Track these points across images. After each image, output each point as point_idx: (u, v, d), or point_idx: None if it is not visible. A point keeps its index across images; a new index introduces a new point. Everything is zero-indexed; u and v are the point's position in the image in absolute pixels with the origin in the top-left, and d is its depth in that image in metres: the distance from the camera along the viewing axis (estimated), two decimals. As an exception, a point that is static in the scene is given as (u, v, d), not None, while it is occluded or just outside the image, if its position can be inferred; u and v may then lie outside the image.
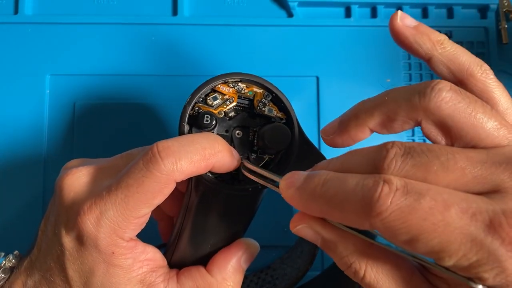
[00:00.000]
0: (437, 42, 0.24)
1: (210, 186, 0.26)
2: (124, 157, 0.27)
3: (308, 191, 0.21)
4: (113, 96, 0.40)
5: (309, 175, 0.21)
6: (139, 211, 0.24)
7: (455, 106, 0.20)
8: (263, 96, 0.27)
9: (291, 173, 0.22)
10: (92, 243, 0.24)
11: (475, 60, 0.24)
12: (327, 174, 0.20)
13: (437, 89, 0.20)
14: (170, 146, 0.24)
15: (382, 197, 0.18)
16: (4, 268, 0.28)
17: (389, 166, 0.19)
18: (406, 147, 0.20)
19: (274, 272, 0.36)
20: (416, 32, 0.24)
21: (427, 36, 0.24)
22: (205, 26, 0.41)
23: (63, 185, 0.26)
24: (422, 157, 0.19)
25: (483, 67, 0.24)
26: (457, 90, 0.20)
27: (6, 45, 0.40)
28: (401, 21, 0.25)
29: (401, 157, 0.19)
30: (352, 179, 0.19)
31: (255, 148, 0.27)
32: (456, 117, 0.20)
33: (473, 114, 0.20)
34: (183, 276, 0.27)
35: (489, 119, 0.20)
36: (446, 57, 0.24)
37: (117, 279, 0.25)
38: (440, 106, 0.20)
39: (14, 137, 0.39)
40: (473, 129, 0.20)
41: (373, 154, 0.20)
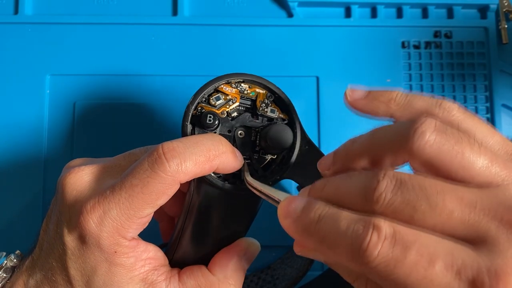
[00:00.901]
0: (389, 101, 0.25)
1: (212, 186, 0.26)
2: (126, 157, 0.27)
3: (303, 226, 0.21)
4: (113, 96, 0.40)
5: (306, 207, 0.21)
6: (142, 211, 0.24)
7: (439, 148, 0.19)
8: (266, 97, 0.27)
9: (289, 200, 0.22)
10: (95, 242, 0.24)
11: (431, 101, 0.24)
12: (322, 209, 0.20)
13: (420, 132, 0.19)
14: (175, 147, 0.24)
15: (370, 247, 0.18)
16: (5, 267, 0.28)
17: (378, 199, 0.19)
18: (397, 180, 0.19)
19: (274, 272, 0.36)
20: (367, 102, 0.25)
21: (377, 100, 0.25)
22: (205, 26, 0.41)
23: (65, 183, 0.26)
24: (411, 194, 0.19)
25: (441, 106, 0.24)
26: (441, 130, 0.20)
27: (6, 45, 0.40)
28: (350, 97, 0.25)
29: (391, 192, 0.19)
30: (344, 220, 0.19)
31: (257, 148, 0.27)
32: (442, 159, 0.19)
33: (460, 154, 0.19)
34: (184, 275, 0.27)
35: (478, 157, 0.19)
36: (404, 110, 0.24)
37: (119, 277, 0.25)
38: (424, 149, 0.19)
39: (14, 137, 0.39)
40: (462, 170, 0.19)
41: (364, 182, 0.20)
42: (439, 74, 0.42)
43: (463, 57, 0.42)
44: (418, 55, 0.42)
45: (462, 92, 0.42)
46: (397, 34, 0.42)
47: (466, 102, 0.42)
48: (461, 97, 0.42)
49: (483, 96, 0.42)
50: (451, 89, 0.42)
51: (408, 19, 0.42)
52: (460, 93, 0.42)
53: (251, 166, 0.27)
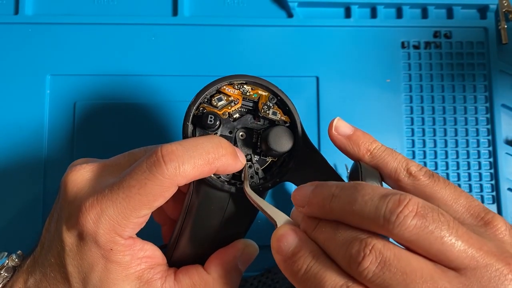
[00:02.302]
0: (367, 151, 0.26)
1: (211, 187, 0.26)
2: (127, 156, 0.28)
3: (291, 271, 0.23)
4: (113, 96, 0.40)
5: (295, 251, 0.23)
6: (139, 211, 0.24)
7: (418, 234, 0.20)
8: (268, 99, 0.27)
9: (282, 233, 0.24)
10: (92, 239, 0.24)
11: (401, 164, 0.25)
12: (309, 261, 0.22)
13: (402, 217, 0.20)
14: (174, 150, 0.24)
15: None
16: (7, 267, 0.28)
17: (361, 274, 0.20)
18: (382, 259, 0.20)
19: (275, 275, 0.36)
20: (347, 142, 0.26)
21: (357, 146, 0.26)
22: (205, 26, 0.41)
23: (67, 181, 0.27)
24: (392, 279, 0.20)
25: (409, 170, 0.25)
26: (423, 214, 0.20)
27: (6, 45, 0.40)
28: (335, 130, 0.27)
29: (373, 271, 0.20)
30: (328, 284, 0.21)
31: (258, 150, 0.27)
32: (421, 243, 0.20)
33: (439, 240, 0.20)
34: (180, 274, 0.27)
35: (456, 241, 0.20)
36: (375, 165, 0.26)
37: (114, 275, 0.25)
38: (404, 233, 0.20)
39: (15, 137, 0.39)
40: (440, 254, 0.20)
41: (351, 250, 0.21)
42: (438, 74, 0.42)
43: (463, 57, 0.42)
44: (418, 55, 0.42)
45: (462, 92, 0.42)
46: (397, 34, 0.42)
47: (465, 102, 0.42)
48: (461, 97, 0.42)
49: (482, 96, 0.42)
50: (451, 89, 0.42)
51: (408, 19, 0.42)
52: (460, 93, 0.42)
53: (252, 168, 0.27)
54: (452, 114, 0.41)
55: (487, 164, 0.41)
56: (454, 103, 0.42)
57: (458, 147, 0.41)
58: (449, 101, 0.42)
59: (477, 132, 0.41)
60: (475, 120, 0.41)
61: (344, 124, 0.27)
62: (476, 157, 0.41)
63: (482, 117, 0.41)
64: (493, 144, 0.41)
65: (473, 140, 0.41)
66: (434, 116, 0.41)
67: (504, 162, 0.41)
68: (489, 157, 0.41)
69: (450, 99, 0.42)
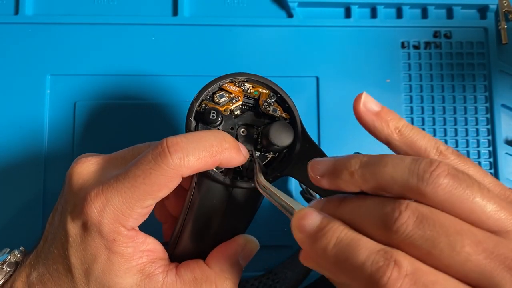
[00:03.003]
0: (395, 129, 0.25)
1: (213, 181, 0.26)
2: (131, 150, 0.28)
3: (319, 246, 0.21)
4: (113, 96, 0.40)
5: (321, 226, 0.21)
6: (143, 201, 0.25)
7: (451, 192, 0.20)
8: (268, 96, 0.28)
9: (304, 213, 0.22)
10: (96, 229, 0.25)
11: (431, 143, 0.24)
12: (339, 231, 0.21)
13: (435, 176, 0.20)
14: (179, 142, 0.24)
15: (390, 282, 0.18)
16: (9, 262, 0.28)
17: (399, 230, 0.19)
18: (419, 214, 0.19)
19: (276, 276, 0.36)
20: (376, 119, 0.25)
21: (386, 123, 0.25)
22: (205, 26, 0.41)
23: (73, 173, 0.27)
24: (432, 230, 0.19)
25: (439, 149, 0.24)
26: (455, 175, 0.20)
27: (6, 45, 0.40)
28: (363, 105, 0.25)
29: (412, 225, 0.19)
30: (364, 249, 0.19)
31: (259, 146, 0.28)
32: (454, 203, 0.20)
33: (471, 199, 0.20)
34: (182, 268, 0.27)
35: (488, 202, 0.20)
36: (404, 144, 0.25)
37: (116, 266, 0.25)
38: (437, 192, 0.20)
39: (15, 137, 0.39)
40: (473, 214, 0.20)
41: (385, 210, 0.20)
42: (438, 74, 0.42)
43: (463, 57, 0.42)
44: (418, 55, 0.42)
45: (462, 92, 0.42)
46: (397, 34, 0.42)
47: (465, 102, 0.42)
48: (461, 97, 0.42)
49: (482, 96, 0.42)
50: (451, 89, 0.42)
51: (408, 19, 0.43)
52: (460, 93, 0.42)
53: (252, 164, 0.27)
54: (452, 114, 0.41)
55: (487, 164, 0.41)
56: (454, 103, 0.42)
57: (458, 147, 0.41)
58: (449, 101, 0.42)
59: (477, 132, 0.41)
60: (475, 120, 0.41)
61: (372, 99, 0.26)
62: (476, 157, 0.41)
63: (482, 117, 0.41)
64: (493, 144, 0.41)
65: (473, 140, 0.41)
66: (434, 116, 0.41)
67: (504, 162, 0.41)
68: (489, 157, 0.41)
69: (450, 99, 0.42)
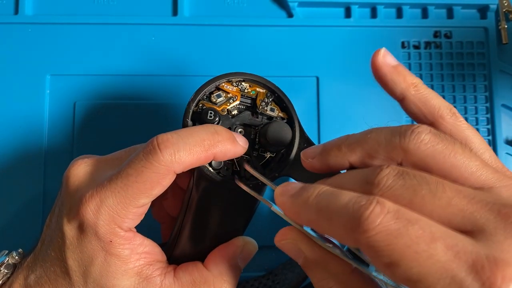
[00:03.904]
0: (412, 84, 0.26)
1: (211, 182, 0.26)
2: (127, 151, 0.28)
3: (301, 199, 0.21)
4: (113, 96, 0.40)
5: (305, 185, 0.22)
6: (138, 200, 0.25)
7: (433, 147, 0.20)
8: (266, 96, 0.28)
9: (288, 182, 0.23)
10: (92, 230, 0.25)
11: (445, 104, 0.25)
12: (322, 187, 0.21)
13: (416, 132, 0.21)
14: (169, 138, 0.24)
15: (372, 215, 0.18)
16: (7, 264, 0.28)
17: (380, 182, 0.20)
18: (400, 169, 0.20)
19: (276, 277, 0.36)
20: (394, 71, 0.26)
21: (404, 77, 0.26)
22: (205, 26, 0.41)
23: (69, 175, 0.27)
24: (413, 180, 0.19)
25: (452, 110, 0.25)
26: (436, 133, 0.21)
27: (6, 45, 0.40)
28: (383, 57, 0.26)
29: (393, 177, 0.20)
30: (346, 195, 0.20)
31: (257, 146, 0.28)
32: (436, 157, 0.20)
33: (453, 155, 0.20)
34: (180, 271, 0.27)
35: (469, 159, 0.20)
36: (419, 99, 0.25)
37: (114, 268, 0.25)
38: (419, 147, 0.20)
39: (14, 137, 0.39)
40: (455, 169, 0.20)
41: (367, 171, 0.21)
42: (439, 74, 0.42)
43: (463, 57, 0.42)
44: (418, 55, 0.42)
45: (462, 92, 0.42)
46: (397, 34, 0.42)
47: (466, 102, 0.42)
48: (461, 97, 0.42)
49: (483, 96, 0.42)
50: (451, 89, 0.42)
51: (408, 19, 0.43)
52: (460, 93, 0.42)
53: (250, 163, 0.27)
54: (452, 114, 0.41)
55: (488, 164, 0.41)
56: (454, 103, 0.42)
57: (458, 147, 0.41)
58: (449, 101, 0.41)
59: (477, 132, 0.41)
60: (475, 120, 0.41)
61: (390, 54, 0.26)
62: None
63: (482, 117, 0.41)
64: (493, 144, 0.41)
65: (473, 140, 0.41)
66: (434, 116, 0.41)
67: (504, 162, 0.40)
68: (490, 157, 0.41)
69: (450, 99, 0.42)
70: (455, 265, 0.17)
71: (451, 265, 0.17)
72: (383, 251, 0.18)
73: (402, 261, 0.17)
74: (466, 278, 0.17)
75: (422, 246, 0.17)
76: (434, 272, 0.17)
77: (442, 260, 0.17)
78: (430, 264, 0.17)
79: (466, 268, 0.17)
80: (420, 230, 0.18)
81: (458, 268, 0.17)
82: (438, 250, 0.17)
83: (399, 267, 0.17)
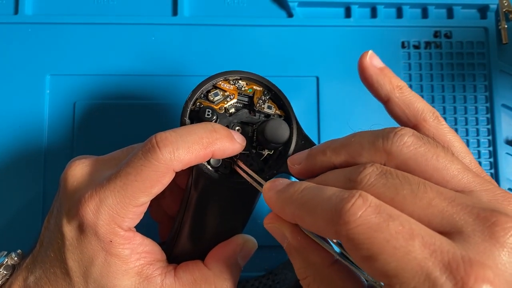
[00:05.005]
0: (397, 87, 0.26)
1: (209, 180, 0.26)
2: (125, 151, 0.28)
3: (286, 195, 0.22)
4: (113, 96, 0.40)
5: (292, 182, 0.22)
6: (137, 199, 0.25)
7: (416, 150, 0.21)
8: (263, 93, 0.28)
9: (277, 178, 0.23)
10: (92, 231, 0.25)
11: (429, 107, 0.26)
12: (307, 183, 0.22)
13: (399, 134, 0.21)
14: (168, 136, 0.24)
15: (353, 208, 0.18)
16: (6, 265, 0.28)
17: (362, 180, 0.20)
18: (383, 169, 0.20)
19: (276, 277, 0.36)
20: (380, 73, 0.26)
21: (389, 79, 0.26)
22: (205, 26, 0.41)
23: (67, 176, 0.27)
24: (395, 179, 0.20)
25: (435, 114, 0.26)
26: (418, 136, 0.21)
27: (6, 45, 0.40)
28: (369, 59, 0.27)
29: (376, 175, 0.20)
30: (330, 190, 0.20)
31: (255, 144, 0.28)
32: (418, 160, 0.21)
33: (435, 158, 0.21)
34: (181, 270, 0.27)
35: (451, 163, 0.21)
36: (403, 102, 0.26)
37: (114, 268, 0.25)
38: (402, 150, 0.21)
39: (14, 137, 0.39)
40: (436, 172, 0.20)
41: (351, 169, 0.21)
42: (439, 74, 0.42)
43: (463, 57, 0.42)
44: (418, 55, 0.42)
45: (462, 92, 0.42)
46: (397, 34, 0.42)
47: (466, 102, 0.42)
48: (461, 97, 0.42)
49: (483, 96, 0.42)
50: (451, 89, 0.42)
51: (408, 19, 0.43)
52: (460, 93, 0.42)
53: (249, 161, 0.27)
54: (452, 114, 0.41)
55: (488, 164, 0.41)
56: (454, 103, 0.42)
57: (458, 147, 0.41)
58: (449, 101, 0.42)
59: (477, 132, 0.41)
60: (475, 120, 0.41)
61: (377, 57, 0.27)
62: (476, 157, 0.41)
63: (482, 117, 0.41)
64: (493, 144, 0.41)
65: (473, 140, 0.41)
66: (434, 116, 0.41)
67: (504, 162, 0.41)
68: (490, 157, 0.41)
69: (451, 99, 0.42)
70: (431, 263, 0.17)
71: (427, 263, 0.17)
72: (363, 244, 0.18)
73: (380, 256, 0.18)
74: (440, 276, 0.17)
75: (401, 241, 0.17)
76: (410, 268, 0.17)
77: (418, 257, 0.17)
78: (407, 260, 0.17)
79: (441, 266, 0.17)
80: (400, 226, 0.18)
81: (433, 266, 0.17)
82: (416, 247, 0.17)
83: (377, 261, 0.18)
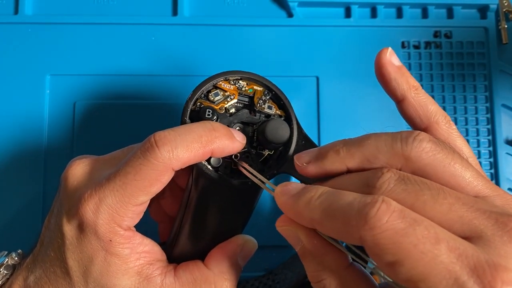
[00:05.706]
0: (413, 87, 0.26)
1: (210, 180, 0.26)
2: (125, 151, 0.28)
3: (303, 200, 0.21)
4: (113, 96, 0.40)
5: (306, 186, 0.22)
6: (137, 198, 0.25)
7: (434, 156, 0.21)
8: (263, 93, 0.28)
9: (287, 182, 0.23)
10: (92, 230, 0.25)
11: (441, 111, 0.26)
12: (323, 188, 0.21)
13: (418, 140, 0.21)
14: (166, 135, 0.24)
15: (379, 213, 0.18)
16: (6, 265, 0.28)
17: (382, 186, 0.20)
18: (401, 174, 0.20)
19: (276, 276, 0.36)
20: (398, 71, 0.26)
21: (406, 78, 0.26)
22: (205, 26, 0.41)
23: (67, 175, 0.27)
24: (415, 185, 0.20)
25: (446, 118, 0.26)
26: (436, 141, 0.21)
27: (6, 45, 0.40)
28: (389, 55, 0.26)
29: (395, 181, 0.20)
30: (350, 195, 0.20)
31: (255, 144, 0.28)
32: (436, 166, 0.21)
33: (452, 164, 0.21)
34: (181, 270, 0.27)
35: (467, 169, 0.21)
36: (418, 103, 0.26)
37: (114, 268, 0.25)
38: (421, 155, 0.21)
39: (14, 137, 0.39)
40: (453, 179, 0.21)
41: (368, 174, 0.21)
42: (439, 74, 0.42)
43: (463, 57, 0.42)
44: (418, 55, 0.42)
45: (462, 92, 0.42)
46: (397, 34, 0.42)
47: (466, 102, 0.42)
48: (461, 97, 0.42)
49: (483, 96, 0.42)
50: (451, 89, 0.42)
51: (408, 19, 0.42)
52: (460, 93, 0.42)
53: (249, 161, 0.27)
54: (452, 114, 0.41)
55: (488, 164, 0.41)
56: (454, 103, 0.42)
57: (458, 147, 0.41)
58: (449, 101, 0.42)
59: (477, 132, 0.41)
60: (476, 120, 0.41)
61: (395, 55, 0.27)
62: (476, 157, 0.41)
63: (482, 117, 0.41)
64: (493, 144, 0.41)
65: (473, 140, 0.41)
66: (434, 116, 0.41)
67: (504, 162, 0.41)
68: (489, 157, 0.41)
69: (451, 99, 0.42)
70: (458, 267, 0.17)
71: (454, 267, 0.17)
72: (388, 249, 0.18)
73: (406, 260, 0.17)
74: (468, 280, 0.17)
75: (428, 246, 0.17)
76: (438, 273, 0.17)
77: (445, 261, 0.17)
78: (434, 264, 0.17)
79: (468, 271, 0.17)
80: (426, 231, 0.18)
81: (460, 271, 0.17)
82: (442, 252, 0.17)
83: (403, 266, 0.18)
